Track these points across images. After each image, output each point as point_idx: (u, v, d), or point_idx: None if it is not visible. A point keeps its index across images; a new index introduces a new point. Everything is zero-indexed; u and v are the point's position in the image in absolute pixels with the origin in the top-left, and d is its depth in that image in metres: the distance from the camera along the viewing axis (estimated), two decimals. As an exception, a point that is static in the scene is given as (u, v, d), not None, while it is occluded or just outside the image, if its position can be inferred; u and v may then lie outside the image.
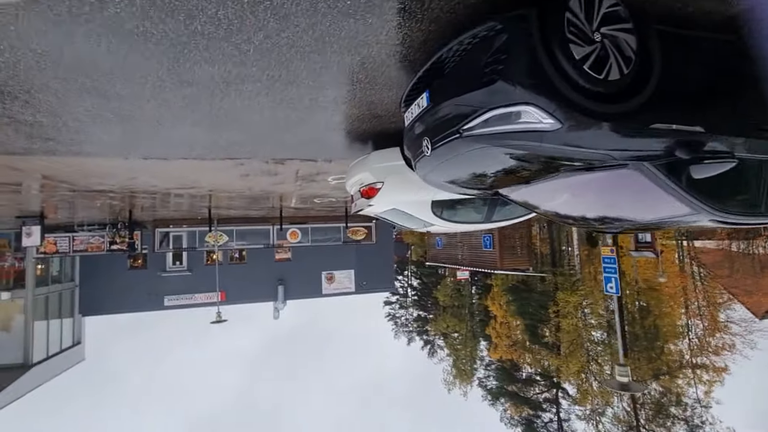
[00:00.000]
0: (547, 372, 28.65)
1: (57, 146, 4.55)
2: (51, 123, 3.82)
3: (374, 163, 4.53)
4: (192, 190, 8.46)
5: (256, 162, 5.94)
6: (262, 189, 8.63)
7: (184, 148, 4.91)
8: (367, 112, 4.00)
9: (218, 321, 14.49)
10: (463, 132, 2.24)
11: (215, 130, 4.32)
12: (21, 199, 9.31)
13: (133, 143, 4.63)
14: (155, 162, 5.66)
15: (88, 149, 4.73)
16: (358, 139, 4.87)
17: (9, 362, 14.51)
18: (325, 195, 10.15)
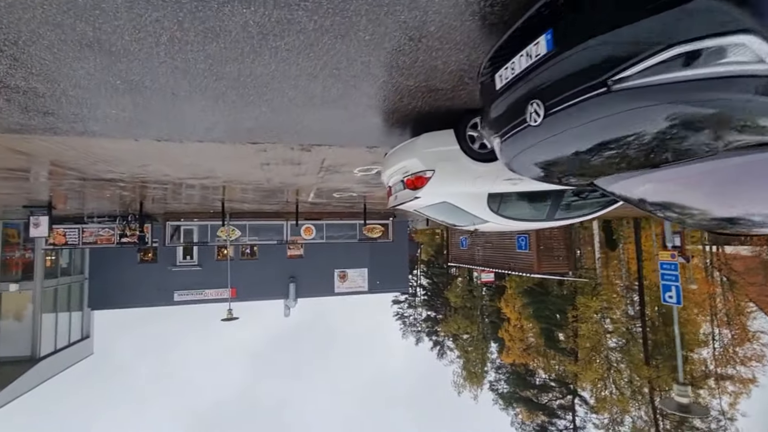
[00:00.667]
0: (563, 378, 27.78)
1: (58, 122, 3.95)
2: (48, 91, 3.21)
3: (424, 147, 3.85)
4: (206, 180, 7.88)
5: (281, 148, 5.30)
6: (281, 181, 8.01)
7: (202, 128, 4.28)
8: (424, 84, 3.32)
9: (229, 319, 13.97)
10: (612, 84, 1.55)
11: (240, 106, 3.68)
12: (28, 187, 8.82)
13: (145, 121, 4.02)
14: (168, 146, 5.05)
15: (94, 128, 4.13)
16: (402, 120, 4.20)
17: (16, 355, 14.17)
18: (346, 189, 9.51)
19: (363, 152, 5.79)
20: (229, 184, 8.45)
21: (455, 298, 38.00)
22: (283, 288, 20.16)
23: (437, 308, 48.42)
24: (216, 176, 7.40)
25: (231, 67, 2.90)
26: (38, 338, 14.54)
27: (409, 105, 3.76)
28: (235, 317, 14.15)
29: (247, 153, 5.44)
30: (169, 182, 8.21)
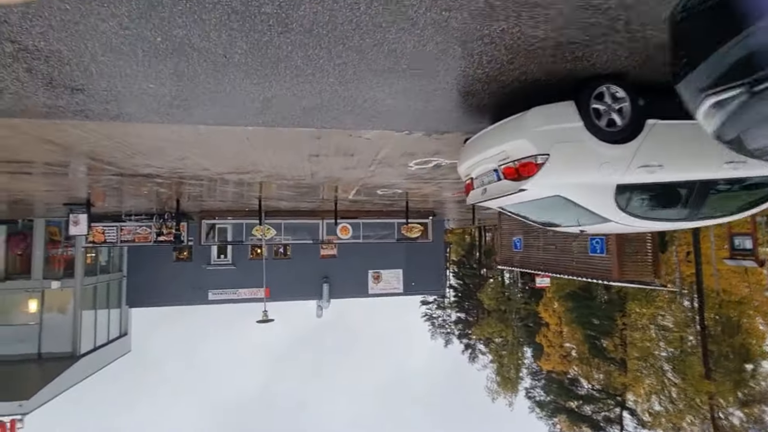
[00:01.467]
0: (609, 389, 25.96)
1: (89, 102, 3.34)
2: (74, 55, 2.57)
3: (536, 124, 2.98)
4: (246, 176, 7.29)
5: (336, 136, 4.56)
6: (326, 176, 7.32)
7: (253, 109, 3.59)
8: (554, 36, 2.46)
9: (265, 321, 13.51)
10: None
11: (304, 75, 2.94)
12: (67, 183, 8.55)
13: (187, 99, 3.35)
14: (211, 134, 4.42)
15: (129, 108, 3.51)
16: (502, 92, 3.35)
17: (57, 353, 14.29)
18: (392, 185, 8.73)
19: (428, 141, 4.98)
20: (269, 179, 7.85)
21: (489, 300, 36.57)
22: (316, 288, 19.66)
23: (468, 310, 47.04)
24: (258, 171, 6.79)
25: (305, 10, 2.14)
26: (79, 335, 14.63)
27: (518, 69, 2.91)
28: (270, 319, 13.68)
29: (299, 141, 4.73)
30: (206, 178, 7.70)
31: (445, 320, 54.46)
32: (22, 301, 14.42)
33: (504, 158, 3.26)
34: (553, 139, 2.93)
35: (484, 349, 42.84)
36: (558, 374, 30.11)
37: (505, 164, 3.25)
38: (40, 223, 14.69)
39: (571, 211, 3.42)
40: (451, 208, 15.51)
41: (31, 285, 14.30)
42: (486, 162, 3.55)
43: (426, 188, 9.21)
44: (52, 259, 14.90)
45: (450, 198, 11.61)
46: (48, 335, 14.44)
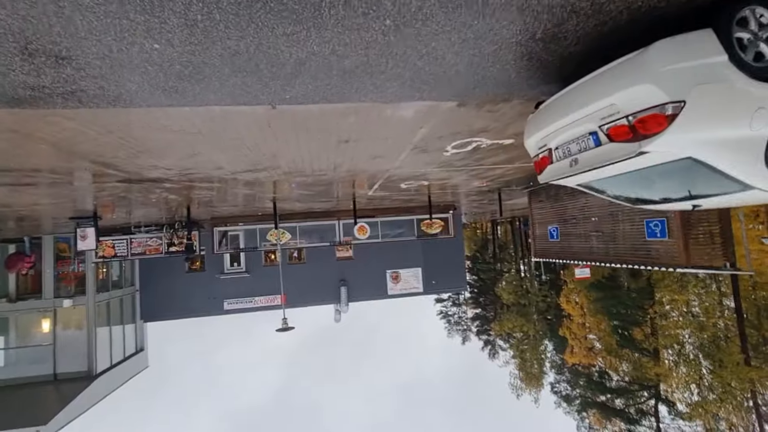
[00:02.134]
0: (641, 380, 24.94)
1: (79, 78, 2.68)
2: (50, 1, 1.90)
3: (664, 62, 2.24)
4: (262, 173, 6.63)
5: (374, 111, 3.86)
6: (350, 168, 6.63)
7: (284, 74, 2.90)
8: None
9: (285, 329, 12.87)
10: None
11: (347, 25, 2.25)
12: (72, 194, 7.97)
13: (201, 65, 2.68)
14: (228, 118, 3.75)
15: (130, 84, 2.84)
16: (596, 45, 2.63)
17: (73, 373, 13.79)
18: (419, 176, 8.02)
19: (476, 115, 4.26)
20: (286, 177, 7.17)
21: (508, 295, 35.65)
22: (334, 292, 19.01)
23: (485, 306, 46.11)
24: (276, 166, 6.12)
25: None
26: (94, 354, 14.11)
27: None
28: (290, 327, 13.04)
29: (329, 122, 4.04)
30: (218, 179, 7.05)
31: (461, 317, 53.60)
32: (34, 322, 13.96)
33: (610, 114, 2.53)
34: (691, 80, 2.20)
35: (504, 345, 41.90)
36: (584, 367, 29.14)
37: (613, 122, 2.51)
38: (48, 240, 14.22)
39: (693, 180, 2.68)
40: (472, 200, 14.77)
41: (43, 305, 13.83)
42: (577, 125, 2.82)
43: (455, 178, 8.49)
44: (62, 276, 14.42)
45: (474, 189, 10.87)
46: (63, 355, 13.95)
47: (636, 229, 7.11)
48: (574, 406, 31.55)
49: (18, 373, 13.44)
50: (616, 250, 7.68)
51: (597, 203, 8.16)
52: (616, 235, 7.65)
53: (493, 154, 6.29)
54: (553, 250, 9.93)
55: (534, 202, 10.66)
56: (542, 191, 10.33)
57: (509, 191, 11.72)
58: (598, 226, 8.17)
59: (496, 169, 7.85)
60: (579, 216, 8.75)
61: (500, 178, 9.02)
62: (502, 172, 8.15)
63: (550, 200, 9.92)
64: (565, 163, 3.06)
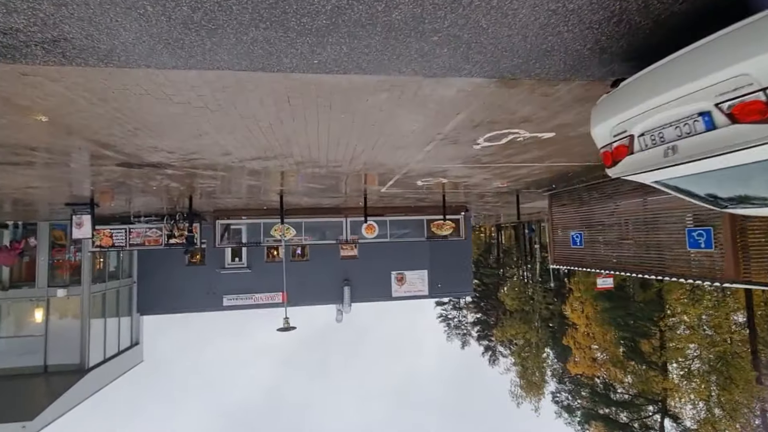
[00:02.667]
0: (647, 394, 24.33)
1: (62, 23, 2.13)
2: None
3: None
4: (272, 162, 6.08)
5: (413, 87, 3.31)
6: (368, 160, 6.09)
7: (316, 27, 2.35)
8: None
9: (286, 328, 12.33)
10: None
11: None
12: (66, 177, 7.46)
13: (214, 11, 2.13)
14: (242, 89, 3.20)
15: (124, 36, 2.30)
16: None
17: (65, 366, 13.27)
18: (440, 172, 7.46)
19: (525, 100, 3.70)
20: (298, 167, 6.63)
21: (511, 301, 35.05)
22: (336, 292, 18.47)
23: (487, 311, 45.53)
24: (289, 154, 5.57)
25: None
26: (87, 347, 13.61)
27: None
28: (292, 327, 12.50)
29: (360, 95, 3.49)
30: (223, 167, 6.51)
31: (461, 321, 53.05)
32: (26, 311, 13.45)
33: (737, 88, 1.96)
34: None
35: (505, 351, 41.31)
36: (588, 378, 28.53)
37: (740, 98, 1.95)
38: (44, 227, 13.72)
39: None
40: (486, 202, 14.21)
41: (36, 293, 13.33)
42: (679, 104, 2.25)
43: (476, 176, 7.94)
44: (57, 265, 13.91)
45: (492, 190, 10.31)
46: (54, 347, 13.44)
47: (674, 238, 6.55)
48: (576, 416, 30.96)
49: (6, 364, 12.93)
50: (649, 260, 7.11)
51: (630, 209, 7.59)
52: (650, 243, 7.08)
53: (525, 150, 5.74)
54: (574, 257, 9.37)
55: (555, 205, 10.09)
56: (564, 194, 9.77)
57: (527, 194, 11.16)
58: (628, 234, 7.60)
59: (522, 168, 7.29)
60: (607, 222, 8.19)
61: (523, 178, 8.47)
62: (528, 171, 7.60)
63: (574, 204, 9.35)
64: (654, 152, 2.50)
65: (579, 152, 6.16)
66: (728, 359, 20.13)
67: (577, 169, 7.55)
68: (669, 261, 6.67)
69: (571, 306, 29.75)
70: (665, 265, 6.76)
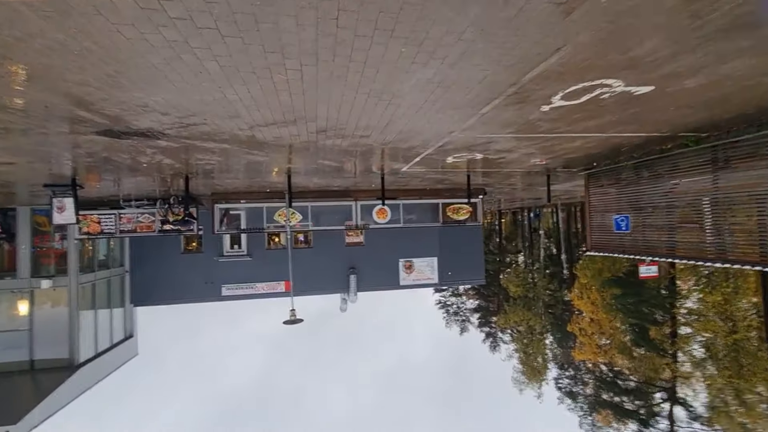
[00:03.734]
0: (653, 381, 23.97)
1: None
2: None
3: None
4: (289, 129, 5.02)
5: None
6: (402, 131, 5.03)
7: None
8: None
9: (293, 321, 11.41)
10: None
11: None
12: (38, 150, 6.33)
13: None
14: (266, 16, 2.13)
15: None
16: None
17: (53, 363, 12.28)
18: (479, 147, 6.44)
19: (664, 24, 2.66)
20: (319, 136, 5.55)
21: (515, 287, 34.49)
22: (342, 280, 17.55)
23: (488, 297, 45.10)
24: (312, 118, 4.51)
25: None
26: (77, 341, 12.60)
27: None
28: (299, 319, 11.57)
29: (439, 13, 2.42)
30: (229, 136, 5.43)
31: (459, 307, 52.71)
32: (8, 304, 12.36)
33: None
34: None
35: (506, 338, 41.01)
36: (594, 365, 28.20)
37: None
38: (24, 212, 12.52)
39: None
40: (510, 183, 13.19)
41: (18, 284, 12.23)
42: None
43: (520, 150, 6.92)
44: (40, 253, 12.77)
45: (524, 168, 9.30)
46: (41, 342, 12.43)
47: (755, 222, 5.62)
48: (579, 402, 30.80)
49: (-11, 360, 11.91)
50: (720, 246, 6.20)
51: (694, 188, 6.65)
52: (721, 228, 6.16)
53: (599, 113, 4.73)
54: (615, 242, 8.46)
55: (593, 186, 9.14)
56: (604, 174, 8.81)
57: (559, 174, 10.19)
58: (690, 216, 6.68)
59: (577, 140, 6.29)
60: (662, 204, 7.25)
61: (568, 154, 7.47)
62: (580, 144, 6.59)
63: (618, 185, 8.40)
64: None
65: (657, 119, 5.17)
66: (744, 347, 19.66)
67: (636, 142, 6.56)
68: (747, 247, 5.77)
69: (577, 292, 29.19)
70: (740, 252, 5.86)
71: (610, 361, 26.96)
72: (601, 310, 26.59)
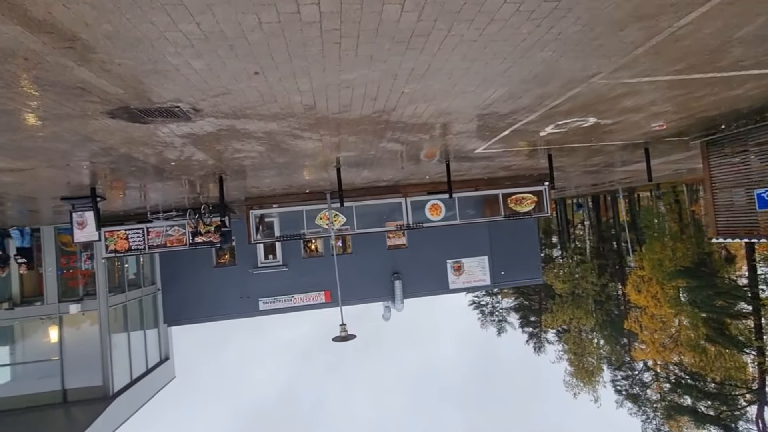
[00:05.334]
0: (735, 380, 21.35)
1: None
2: None
3: None
4: (365, 88, 3.56)
5: None
6: (525, 78, 3.49)
7: None
8: None
9: (344, 337, 10.01)
10: None
11: None
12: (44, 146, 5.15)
13: None
14: None
15: None
16: None
17: (86, 392, 11.30)
18: (605, 103, 4.82)
19: None
20: (405, 98, 4.10)
21: (562, 284, 32.17)
22: (386, 287, 16.09)
23: (528, 295, 42.70)
24: (397, 68, 3.03)
25: None
26: (110, 368, 11.60)
27: None
28: (351, 335, 10.17)
29: None
30: (277, 116, 4.05)
31: (494, 307, 50.41)
32: (37, 332, 11.49)
33: None
34: None
35: (552, 338, 38.57)
36: (658, 365, 25.68)
37: None
38: (48, 232, 11.65)
39: None
40: (590, 164, 11.31)
41: (46, 311, 11.34)
42: None
43: (646, 110, 5.26)
44: (67, 276, 11.87)
45: (623, 140, 7.56)
46: (72, 371, 11.50)
47: None
48: (641, 405, 28.29)
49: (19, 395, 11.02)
50: None
51: None
52: None
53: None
54: (757, 223, 6.62)
55: (714, 157, 7.33)
56: (729, 141, 7.00)
57: (657, 146, 8.38)
58: None
59: (749, 81, 4.57)
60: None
61: (704, 112, 5.75)
62: (742, 92, 4.87)
63: (749, 153, 6.59)
64: None
65: None
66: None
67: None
68: None
69: (634, 286, 26.74)
70: None
71: (680, 360, 24.41)
72: (665, 305, 24.12)
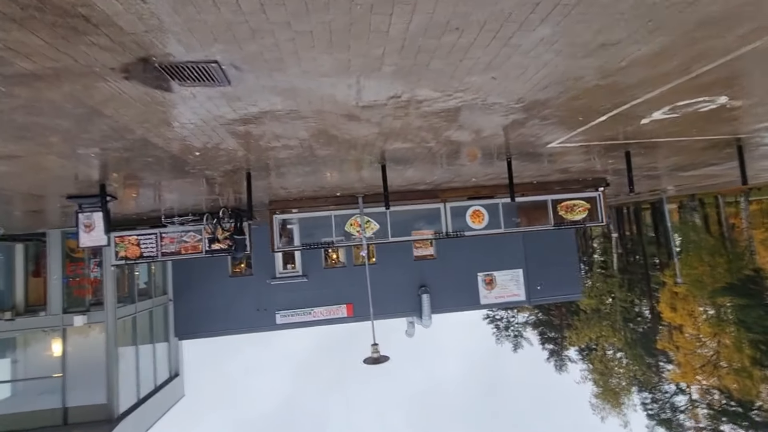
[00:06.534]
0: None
1: None
2: None
3: None
4: (449, 58, 2.50)
5: None
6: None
7: None
8: None
9: (375, 359, 8.87)
10: None
11: None
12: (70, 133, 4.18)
13: None
14: None
15: None
16: None
17: (89, 411, 10.26)
18: (737, 79, 3.71)
19: None
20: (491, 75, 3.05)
21: (588, 299, 30.55)
22: (412, 301, 14.91)
23: (549, 311, 40.93)
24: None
25: None
26: (116, 386, 10.56)
27: None
28: (384, 356, 9.03)
29: None
30: (330, 108, 3.02)
31: (509, 322, 48.67)
32: (38, 345, 10.54)
33: None
34: None
35: (574, 355, 36.71)
36: (703, 391, 23.87)
37: None
38: (54, 236, 10.77)
39: None
40: (661, 165, 10.00)
41: (48, 322, 10.40)
42: None
43: None
44: (73, 284, 10.95)
45: (719, 135, 6.42)
46: (75, 388, 10.49)
47: None
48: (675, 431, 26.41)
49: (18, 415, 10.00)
50: None
51: None
52: None
53: None
54: None
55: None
56: None
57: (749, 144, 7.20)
58: None
59: None
60: None
61: None
62: None
63: None
64: None
65: None
66: None
67: None
68: None
69: (668, 304, 25.11)
70: None
71: (722, 385, 22.61)
72: (706, 324, 22.48)
